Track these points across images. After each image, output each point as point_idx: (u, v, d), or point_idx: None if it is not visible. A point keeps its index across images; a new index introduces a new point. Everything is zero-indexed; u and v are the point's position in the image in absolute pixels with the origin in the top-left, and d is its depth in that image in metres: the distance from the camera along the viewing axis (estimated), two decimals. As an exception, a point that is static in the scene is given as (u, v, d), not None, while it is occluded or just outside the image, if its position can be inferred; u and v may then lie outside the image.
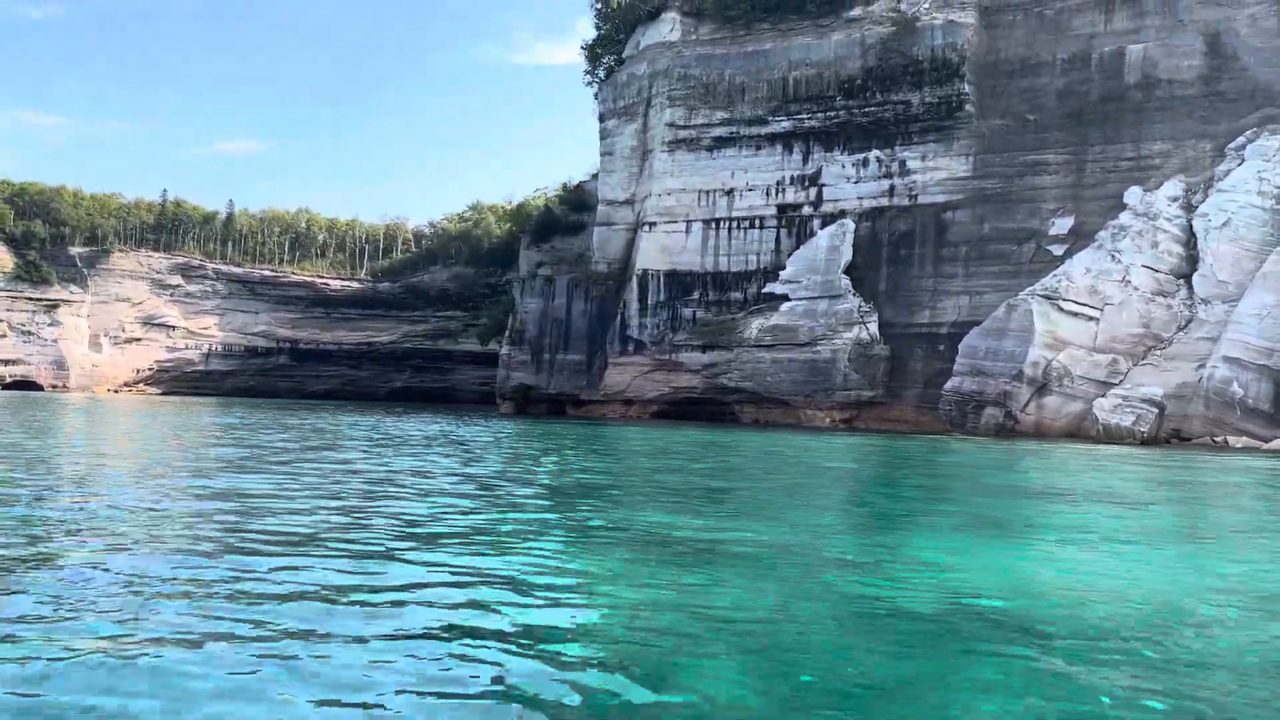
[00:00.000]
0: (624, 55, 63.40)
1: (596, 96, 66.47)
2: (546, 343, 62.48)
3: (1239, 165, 44.78)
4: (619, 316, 59.61)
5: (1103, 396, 42.07)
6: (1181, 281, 44.81)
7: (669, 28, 60.24)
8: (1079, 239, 48.55)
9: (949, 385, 48.35)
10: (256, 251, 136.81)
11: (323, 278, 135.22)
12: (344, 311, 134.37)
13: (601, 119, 63.71)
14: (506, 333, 63.85)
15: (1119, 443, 38.91)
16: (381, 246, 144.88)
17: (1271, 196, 43.29)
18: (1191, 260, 44.99)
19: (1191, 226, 45.32)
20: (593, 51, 69.06)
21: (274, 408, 64.21)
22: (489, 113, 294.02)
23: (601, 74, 69.12)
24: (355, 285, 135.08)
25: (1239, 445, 37.39)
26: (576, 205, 64.49)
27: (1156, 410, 40.41)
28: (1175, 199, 46.24)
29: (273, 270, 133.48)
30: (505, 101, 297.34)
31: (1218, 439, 38.71)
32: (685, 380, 58.24)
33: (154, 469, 18.40)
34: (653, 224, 58.94)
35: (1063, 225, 49.31)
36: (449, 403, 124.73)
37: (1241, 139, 45.85)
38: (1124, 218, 46.68)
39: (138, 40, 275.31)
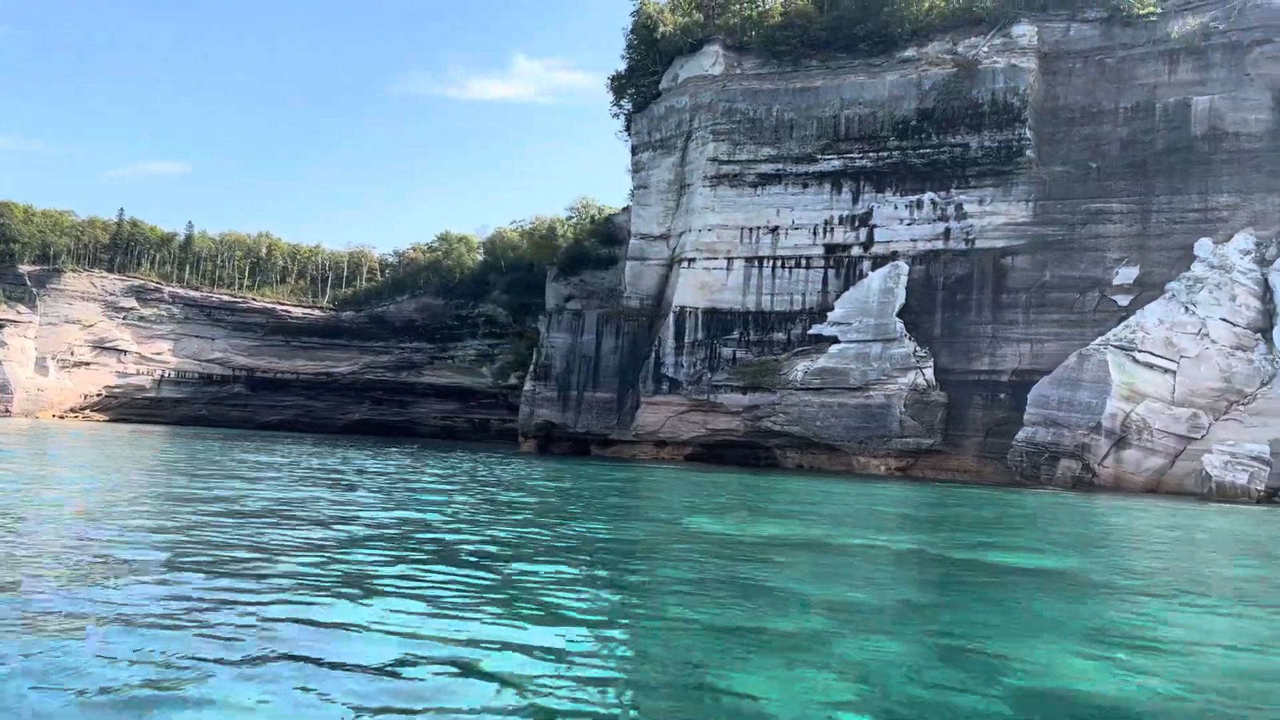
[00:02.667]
0: (660, 87, 61.62)
1: (628, 129, 64.57)
2: (574, 379, 59.84)
3: (1315, 221, 44.54)
4: (653, 354, 57.31)
5: (1209, 453, 41.04)
6: (1259, 336, 44.25)
7: (711, 61, 58.71)
8: (1144, 289, 47.87)
9: (1021, 435, 47.01)
10: (215, 276, 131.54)
11: (284, 304, 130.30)
12: (304, 340, 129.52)
13: (634, 151, 61.78)
14: (531, 368, 61.03)
15: (1232, 501, 37.81)
16: (345, 275, 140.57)
17: (1352, 253, 43.04)
18: (1268, 315, 44.49)
19: (1267, 280, 44.90)
20: (618, 83, 67.22)
21: (283, 440, 60.20)
22: (438, 144, 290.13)
23: (627, 105, 67.32)
24: (317, 313, 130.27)
25: (1352, 505, 36.52)
26: (606, 238, 62.31)
27: (1267, 468, 39.47)
28: (1247, 252, 45.86)
29: (231, 295, 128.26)
30: (452, 134, 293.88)
31: (1325, 498, 37.86)
32: (724, 422, 56.06)
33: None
34: (691, 260, 56.96)
35: (1128, 275, 48.60)
36: (411, 437, 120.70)
37: (1314, 195, 45.71)
38: (1197, 269, 46.12)
39: (64, 61, 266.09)
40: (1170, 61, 49.95)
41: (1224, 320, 44.38)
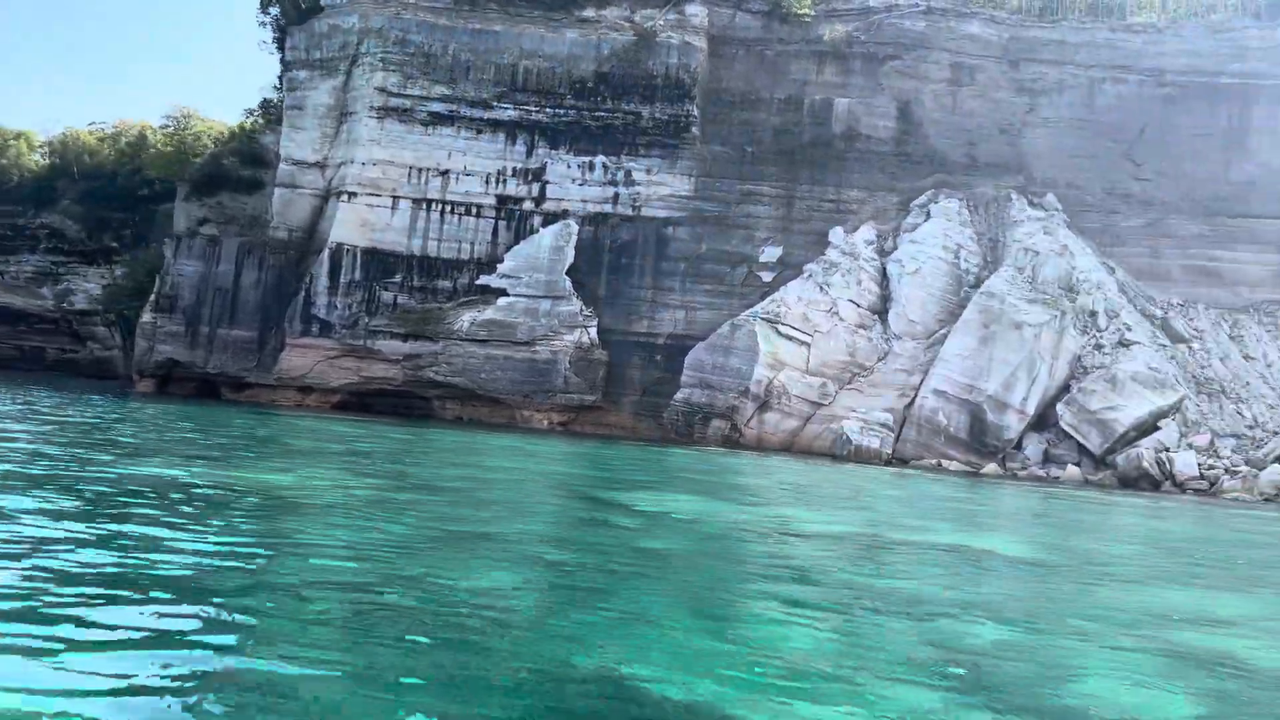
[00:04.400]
0: (323, 2, 56.82)
1: (281, 42, 58.90)
2: (207, 314, 53.92)
3: (926, 220, 51.83)
4: (303, 292, 53.31)
5: (847, 419, 46.26)
6: (876, 317, 50.75)
7: (384, -17, 55.19)
8: (785, 268, 52.91)
9: (679, 396, 50.04)
10: None
11: None
12: None
13: (288, 67, 56.51)
14: (153, 297, 53.94)
15: (868, 462, 43.16)
16: None
17: (951, 251, 50.72)
18: (884, 299, 51.11)
19: (885, 269, 51.53)
20: (268, -13, 61.28)
21: None
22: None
23: (275, 11, 61.54)
24: None
25: (952, 468, 43.34)
26: (250, 159, 56.26)
27: (892, 434, 45.46)
28: (870, 243, 52.31)
29: None
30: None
31: (931, 461, 44.49)
32: (381, 370, 53.72)
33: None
34: (353, 194, 53.55)
35: (772, 254, 53.39)
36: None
37: (923, 198, 53.14)
38: (831, 254, 51.73)
39: None
40: (819, 62, 55.19)
41: (851, 301, 50.30)
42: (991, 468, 42.91)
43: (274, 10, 61.73)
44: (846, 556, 14.72)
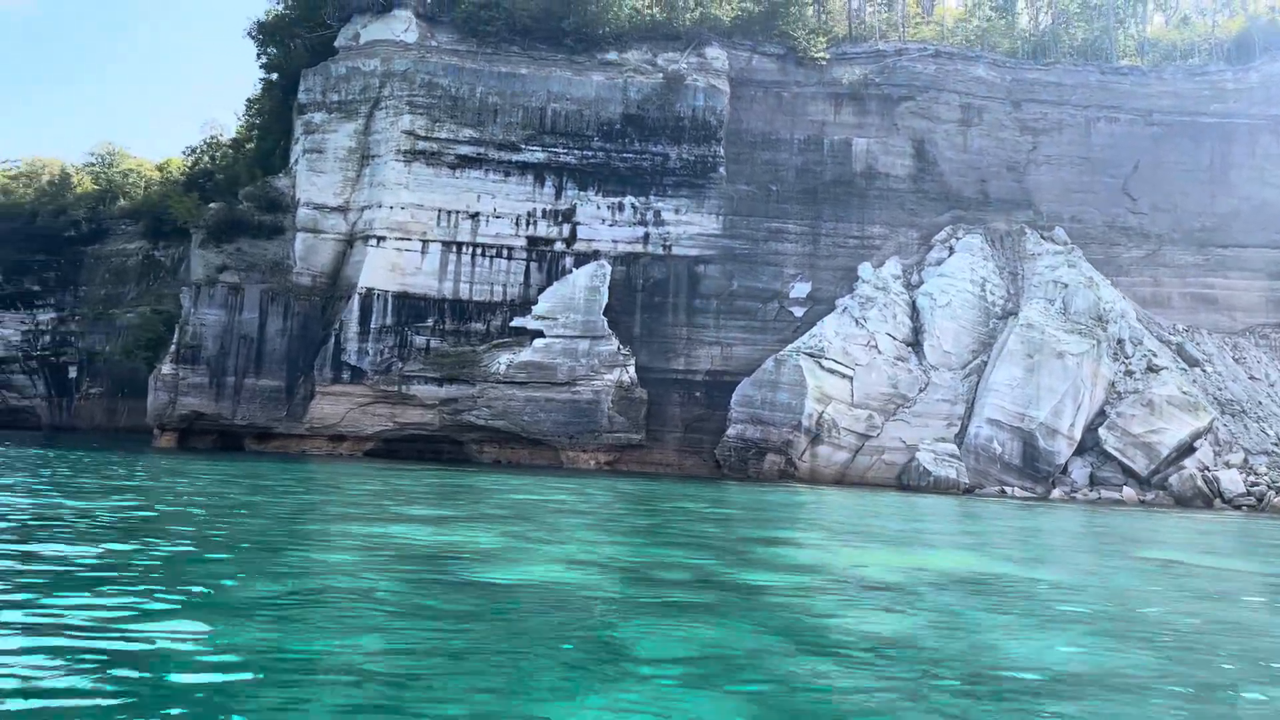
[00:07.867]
0: (337, 45, 55.87)
1: (285, 84, 57.59)
2: (232, 364, 51.99)
3: (950, 255, 53.93)
4: (333, 339, 52.02)
5: (919, 451, 47.55)
6: (912, 349, 52.46)
7: (403, 27, 54.68)
8: (816, 303, 54.29)
9: (731, 432, 50.61)
10: None
11: None
12: None
13: (303, 109, 55.19)
14: (173, 348, 51.71)
15: (945, 492, 44.44)
16: None
17: (978, 284, 52.89)
18: (915, 331, 52.89)
19: (915, 302, 53.36)
20: (268, 30, 59.95)
21: None
22: None
23: (275, 51, 60.31)
24: None
25: (1015, 494, 45.09)
26: (267, 204, 54.46)
27: (962, 464, 46.90)
28: (898, 277, 54.11)
29: None
30: None
31: (993, 489, 46.15)
32: (416, 415, 52.72)
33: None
34: (381, 238, 52.66)
35: (801, 290, 54.71)
36: None
37: (943, 233, 55.34)
38: (864, 289, 53.29)
39: None
40: (836, 104, 56.98)
41: (889, 335, 51.87)
42: (1057, 493, 44.85)
43: (272, 51, 60.38)
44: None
